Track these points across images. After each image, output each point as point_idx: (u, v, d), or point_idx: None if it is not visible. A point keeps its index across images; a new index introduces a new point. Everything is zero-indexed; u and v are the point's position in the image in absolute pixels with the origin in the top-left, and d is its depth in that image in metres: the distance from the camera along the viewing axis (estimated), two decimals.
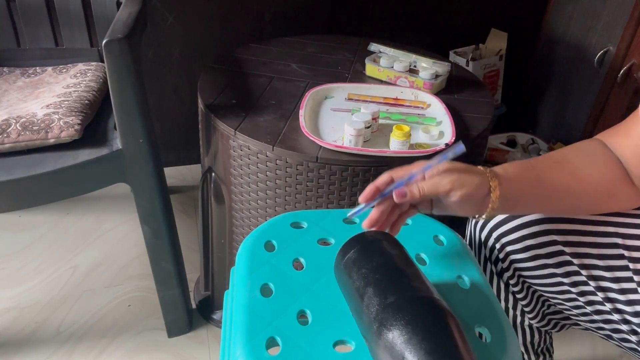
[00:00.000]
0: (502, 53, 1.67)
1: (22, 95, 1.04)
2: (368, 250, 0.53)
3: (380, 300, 0.47)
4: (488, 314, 0.56)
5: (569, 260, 0.68)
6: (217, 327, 1.18)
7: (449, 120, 0.93)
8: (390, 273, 0.49)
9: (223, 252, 1.09)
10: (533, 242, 0.69)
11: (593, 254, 0.67)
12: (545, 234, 0.68)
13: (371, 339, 0.46)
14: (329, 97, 1.02)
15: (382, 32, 1.66)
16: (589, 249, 0.67)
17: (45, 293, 1.23)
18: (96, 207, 1.51)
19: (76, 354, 1.10)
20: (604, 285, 0.67)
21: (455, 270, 0.61)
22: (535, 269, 0.71)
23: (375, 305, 0.47)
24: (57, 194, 0.92)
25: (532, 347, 0.87)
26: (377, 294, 0.47)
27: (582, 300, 0.70)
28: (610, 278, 0.67)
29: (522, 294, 0.77)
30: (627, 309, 0.67)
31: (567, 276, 0.69)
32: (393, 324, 0.44)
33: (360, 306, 0.49)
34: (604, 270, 0.67)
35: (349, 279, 0.52)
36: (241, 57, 1.16)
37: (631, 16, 1.41)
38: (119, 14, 0.88)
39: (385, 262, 0.51)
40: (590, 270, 0.68)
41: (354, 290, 0.51)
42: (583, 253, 0.67)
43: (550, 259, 0.69)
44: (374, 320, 0.46)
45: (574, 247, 0.68)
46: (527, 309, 0.79)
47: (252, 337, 0.51)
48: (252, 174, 0.90)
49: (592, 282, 0.68)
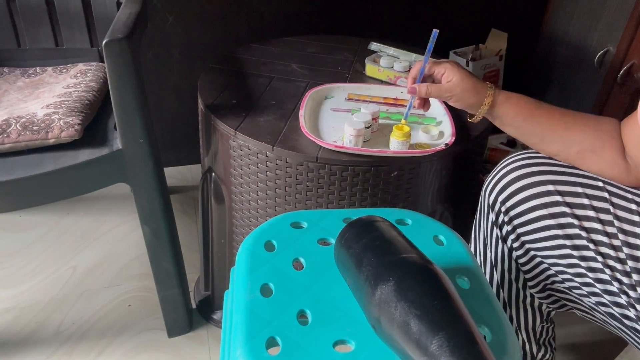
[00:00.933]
0: (502, 53, 1.67)
1: (22, 95, 1.04)
2: (368, 227, 0.56)
3: (378, 260, 0.50)
4: (488, 314, 0.56)
5: (571, 222, 0.71)
6: (217, 327, 1.18)
7: (449, 120, 0.93)
8: (389, 241, 0.53)
9: (223, 252, 1.09)
10: (536, 202, 0.73)
11: (592, 216, 0.71)
12: (548, 195, 0.72)
13: (366, 295, 0.49)
14: (329, 97, 1.02)
15: (382, 32, 1.66)
16: (590, 211, 0.71)
17: (45, 293, 1.23)
18: (96, 207, 1.51)
19: (76, 353, 1.10)
20: (603, 251, 0.70)
21: (455, 270, 0.61)
22: (538, 231, 0.73)
23: (374, 265, 0.50)
24: (57, 194, 0.92)
25: (534, 335, 0.87)
26: (375, 255, 0.51)
27: (583, 265, 0.71)
28: (608, 244, 0.70)
29: (524, 259, 0.78)
30: (624, 280, 0.69)
31: (568, 238, 0.71)
32: (388, 278, 0.47)
33: (359, 269, 0.52)
34: (603, 235, 0.70)
35: (348, 250, 0.55)
36: (241, 57, 1.16)
37: (631, 16, 1.41)
38: (119, 14, 0.88)
39: (384, 235, 0.54)
40: (590, 234, 0.71)
41: (354, 257, 0.53)
42: (584, 216, 0.71)
43: (553, 219, 0.72)
44: (370, 277, 0.49)
45: (576, 208, 0.71)
46: (528, 276, 0.80)
47: (252, 337, 0.51)
48: (252, 174, 0.90)
49: (591, 244, 0.70)
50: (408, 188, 0.88)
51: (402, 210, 0.71)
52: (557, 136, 0.74)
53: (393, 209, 0.71)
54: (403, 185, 0.87)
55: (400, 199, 0.89)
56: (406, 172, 0.86)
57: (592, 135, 0.72)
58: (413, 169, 0.86)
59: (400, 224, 0.68)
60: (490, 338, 0.53)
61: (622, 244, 0.69)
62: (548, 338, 0.91)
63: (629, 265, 0.69)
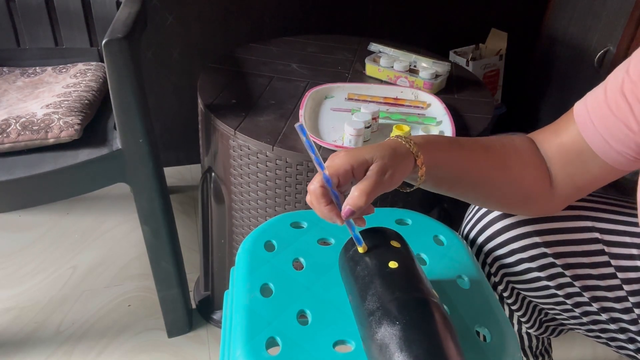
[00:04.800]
0: (502, 53, 1.67)
1: (22, 95, 1.04)
2: (370, 247, 0.52)
3: (378, 299, 0.47)
4: (488, 314, 0.55)
5: (552, 262, 0.66)
6: (217, 327, 1.18)
7: (449, 120, 0.93)
8: (390, 273, 0.49)
9: (223, 252, 1.09)
10: (516, 245, 0.67)
11: (577, 251, 0.66)
12: (527, 237, 0.66)
13: (366, 337, 0.47)
14: (329, 97, 1.02)
15: (382, 32, 1.66)
16: (572, 246, 0.66)
17: (45, 293, 1.23)
18: (96, 207, 1.51)
19: (76, 353, 1.10)
20: (599, 295, 0.66)
21: (455, 270, 0.61)
22: (521, 274, 0.69)
23: (375, 303, 0.47)
24: (57, 194, 0.92)
25: (531, 351, 0.87)
26: (375, 294, 0.47)
27: (578, 311, 0.69)
28: (603, 287, 0.66)
29: (516, 305, 0.76)
30: (624, 317, 0.67)
31: (552, 279, 0.67)
32: (388, 325, 0.44)
33: (360, 304, 0.49)
34: (589, 267, 0.66)
35: (351, 275, 0.52)
36: (241, 57, 1.16)
37: (631, 16, 1.41)
38: (119, 14, 0.88)
39: (386, 260, 0.50)
40: (575, 270, 0.66)
41: (355, 287, 0.51)
42: (566, 252, 0.66)
43: (534, 262, 0.67)
44: (370, 319, 0.46)
45: (555, 246, 0.66)
46: (523, 319, 0.79)
47: (252, 337, 0.51)
48: (252, 174, 0.90)
49: (586, 293, 0.67)
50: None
51: (402, 210, 0.71)
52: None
53: (393, 209, 0.71)
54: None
55: (400, 199, 0.89)
56: None
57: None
58: None
59: (400, 224, 0.68)
60: (490, 338, 0.53)
61: (622, 282, 0.65)
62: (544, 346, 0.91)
63: (630, 302, 0.65)
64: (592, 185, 0.60)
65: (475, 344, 0.52)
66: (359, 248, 0.52)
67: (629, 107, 0.51)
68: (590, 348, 1.20)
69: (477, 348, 0.51)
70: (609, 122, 0.53)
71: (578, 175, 0.59)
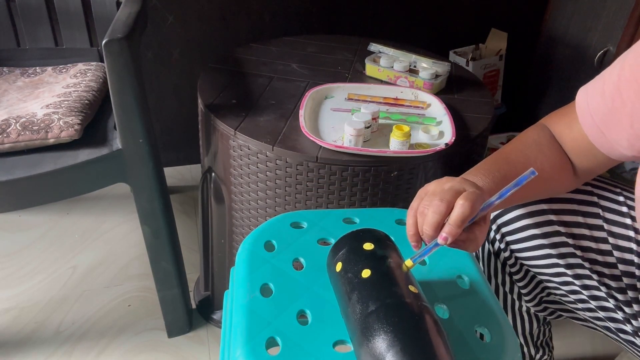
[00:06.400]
0: (502, 53, 1.67)
1: (22, 95, 1.04)
2: (356, 252, 0.53)
3: (363, 307, 0.47)
4: (488, 314, 0.55)
5: (565, 242, 0.70)
6: (217, 327, 1.18)
7: (449, 120, 0.93)
8: (374, 278, 0.49)
9: (223, 252, 1.09)
10: (529, 221, 0.72)
11: (586, 234, 0.70)
12: (541, 214, 0.71)
13: (356, 344, 0.47)
14: (329, 97, 1.02)
15: (382, 32, 1.66)
16: (583, 229, 0.70)
17: (45, 293, 1.23)
18: (96, 207, 1.51)
19: (76, 353, 1.10)
20: (598, 269, 0.69)
21: (455, 270, 0.61)
22: (531, 250, 0.73)
23: (358, 313, 0.47)
24: (57, 194, 0.92)
25: (532, 339, 0.87)
26: (359, 301, 0.48)
27: (577, 283, 0.71)
28: (602, 262, 0.70)
29: (519, 275, 0.78)
30: (619, 296, 0.68)
31: (562, 257, 0.71)
32: (373, 333, 0.44)
33: (347, 310, 0.50)
34: (597, 253, 0.70)
35: (337, 281, 0.53)
36: (241, 57, 1.16)
37: (631, 16, 1.41)
38: (119, 14, 0.88)
39: (371, 265, 0.51)
40: (585, 253, 0.70)
41: (342, 293, 0.51)
42: (578, 234, 0.70)
43: (546, 239, 0.71)
44: (357, 327, 0.47)
45: (569, 227, 0.71)
46: (524, 291, 0.80)
47: (252, 337, 0.51)
48: (252, 174, 0.90)
49: (586, 263, 0.70)
50: (408, 188, 0.88)
51: (402, 210, 0.71)
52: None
53: (393, 209, 0.71)
54: (403, 185, 0.87)
55: (400, 199, 0.89)
56: (406, 172, 0.86)
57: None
58: (413, 169, 0.86)
59: (401, 224, 0.68)
60: (490, 338, 0.53)
61: (617, 261, 0.69)
62: (545, 339, 0.91)
63: (624, 282, 0.69)
64: (600, 169, 0.68)
65: (475, 344, 0.52)
66: (408, 261, 0.53)
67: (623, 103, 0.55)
68: (589, 345, 1.20)
69: (477, 348, 0.51)
70: (607, 117, 0.58)
71: (591, 163, 0.67)
